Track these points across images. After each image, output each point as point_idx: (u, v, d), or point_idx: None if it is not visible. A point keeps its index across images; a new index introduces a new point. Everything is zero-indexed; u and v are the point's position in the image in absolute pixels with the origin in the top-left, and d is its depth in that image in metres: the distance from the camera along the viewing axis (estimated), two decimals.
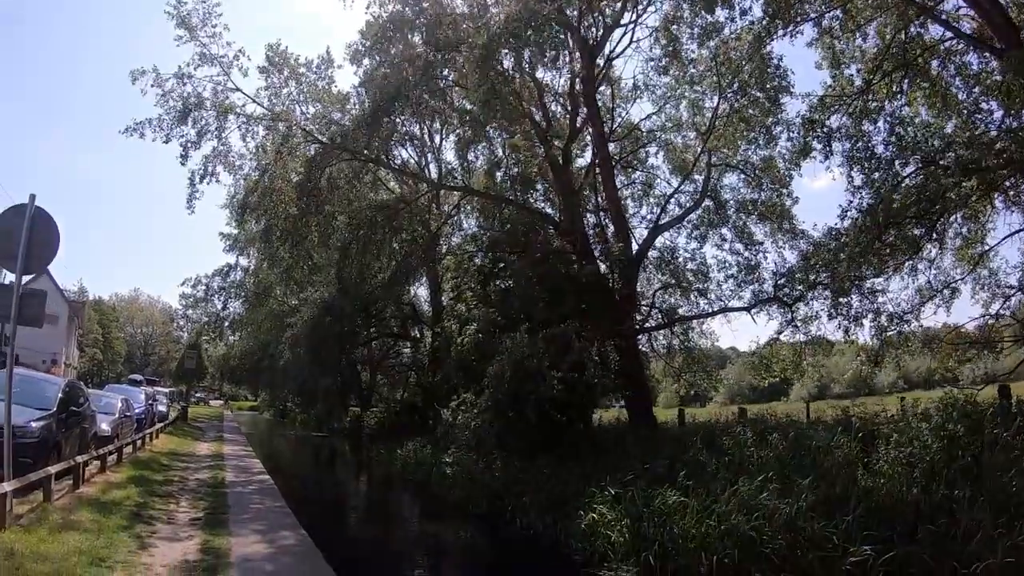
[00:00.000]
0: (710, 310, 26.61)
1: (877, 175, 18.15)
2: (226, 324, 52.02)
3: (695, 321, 27.63)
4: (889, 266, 18.90)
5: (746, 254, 26.05)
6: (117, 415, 22.00)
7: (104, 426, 20.00)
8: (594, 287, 23.08)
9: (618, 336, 21.24)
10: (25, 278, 10.90)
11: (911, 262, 19.08)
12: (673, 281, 27.27)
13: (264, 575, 9.27)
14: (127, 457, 19.31)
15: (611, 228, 25.72)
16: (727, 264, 26.35)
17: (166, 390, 49.27)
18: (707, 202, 25.90)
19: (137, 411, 27.47)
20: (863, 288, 20.30)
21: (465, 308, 25.68)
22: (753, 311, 24.47)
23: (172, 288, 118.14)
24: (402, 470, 26.12)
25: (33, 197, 10.47)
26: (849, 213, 17.99)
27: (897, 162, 18.11)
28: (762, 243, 25.93)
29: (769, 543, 9.75)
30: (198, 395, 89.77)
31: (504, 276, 25.26)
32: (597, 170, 26.19)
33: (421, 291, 42.11)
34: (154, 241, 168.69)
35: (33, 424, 13.24)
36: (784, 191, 25.50)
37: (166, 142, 23.08)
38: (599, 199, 26.46)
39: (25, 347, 53.31)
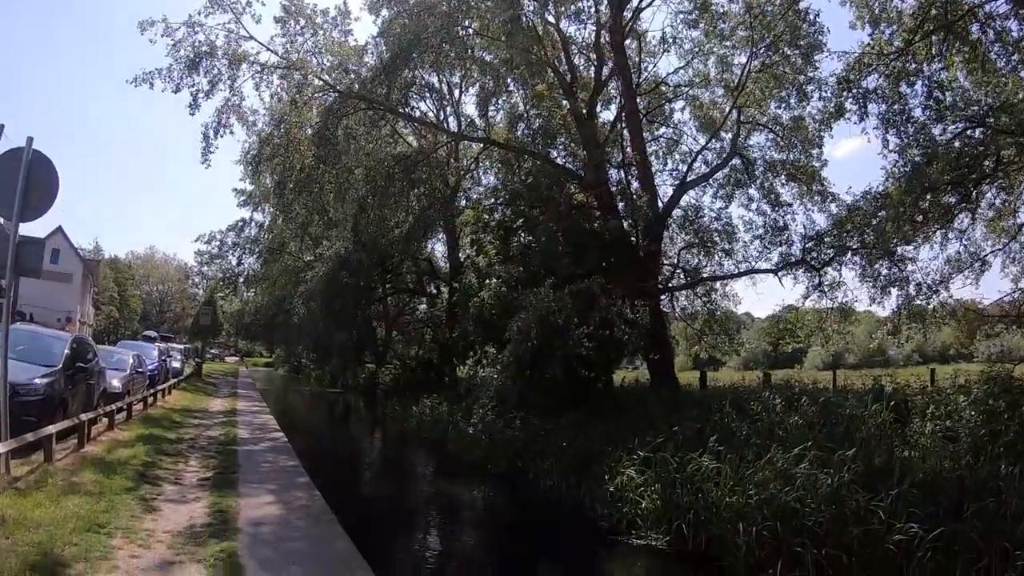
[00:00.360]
0: (736, 271, 25.77)
1: (913, 139, 17.62)
2: (240, 280, 51.49)
3: (719, 283, 26.95)
4: (919, 234, 18.54)
5: (773, 215, 25.20)
6: (128, 371, 21.55)
7: (115, 382, 19.56)
8: (618, 243, 22.50)
9: (643, 295, 20.55)
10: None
11: (943, 231, 18.73)
12: (697, 241, 26.35)
13: (274, 541, 8.61)
14: (138, 414, 18.84)
15: (635, 185, 24.95)
16: (753, 225, 25.67)
17: (180, 346, 48.93)
18: (735, 160, 24.97)
19: (150, 367, 27.06)
20: (893, 256, 20.01)
21: (485, 262, 24.74)
22: (780, 273, 23.83)
23: (188, 245, 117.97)
24: (417, 427, 25.69)
25: (30, 140, 9.74)
26: (893, 175, 17.54)
27: (934, 127, 17.56)
28: (790, 205, 25.11)
29: (812, 515, 9.18)
30: (213, 351, 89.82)
31: (525, 230, 24.43)
32: (621, 125, 25.28)
33: (438, 247, 41.35)
34: (170, 199, 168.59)
35: (38, 381, 12.73)
36: (813, 152, 24.61)
37: (176, 91, 22.03)
38: (624, 154, 25.54)
39: (39, 305, 53.42)
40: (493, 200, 26.65)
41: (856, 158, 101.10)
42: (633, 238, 23.32)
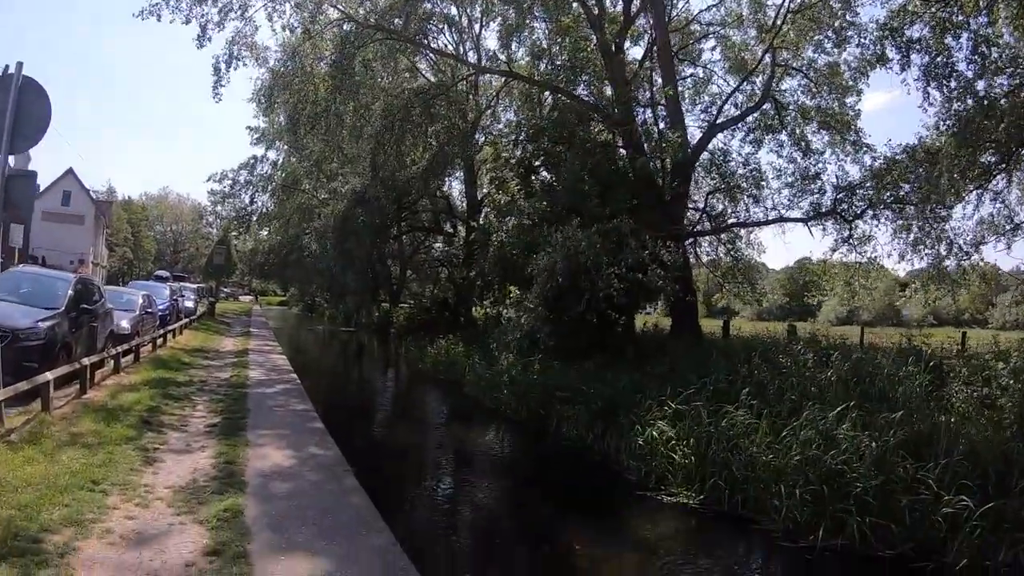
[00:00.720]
0: (765, 219, 24.67)
1: (957, 94, 16.82)
2: (254, 219, 50.61)
3: (744, 230, 25.98)
4: (953, 193, 18.10)
5: (804, 163, 24.15)
6: (138, 312, 21.03)
7: (124, 323, 19.05)
8: (645, 184, 21.58)
9: (670, 238, 19.69)
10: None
11: (979, 191, 18.49)
12: (723, 186, 25.24)
13: (284, 496, 7.95)
14: (147, 356, 18.27)
15: (660, 126, 23.94)
16: (783, 172, 24.63)
17: (194, 286, 48.51)
18: (766, 105, 23.84)
19: (161, 307, 26.55)
20: (925, 213, 19.82)
21: (505, 200, 23.61)
22: (811, 224, 23.00)
23: (202, 185, 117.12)
24: (433, 368, 25.10)
25: (20, 65, 8.82)
26: (943, 129, 16.98)
27: (978, 82, 16.79)
28: (822, 153, 24.16)
29: (860, 481, 8.61)
30: (226, 291, 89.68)
31: (549, 168, 23.39)
32: (650, 62, 24.21)
33: (455, 185, 40.27)
34: (185, 140, 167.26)
35: (40, 325, 12.13)
36: (847, 101, 23.59)
37: (185, 23, 20.68)
38: (652, 92, 24.47)
39: (52, 248, 53.07)
40: (515, 136, 25.33)
41: (882, 113, 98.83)
42: (660, 180, 22.38)
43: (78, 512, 6.42)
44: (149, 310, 22.43)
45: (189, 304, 37.54)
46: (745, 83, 24.52)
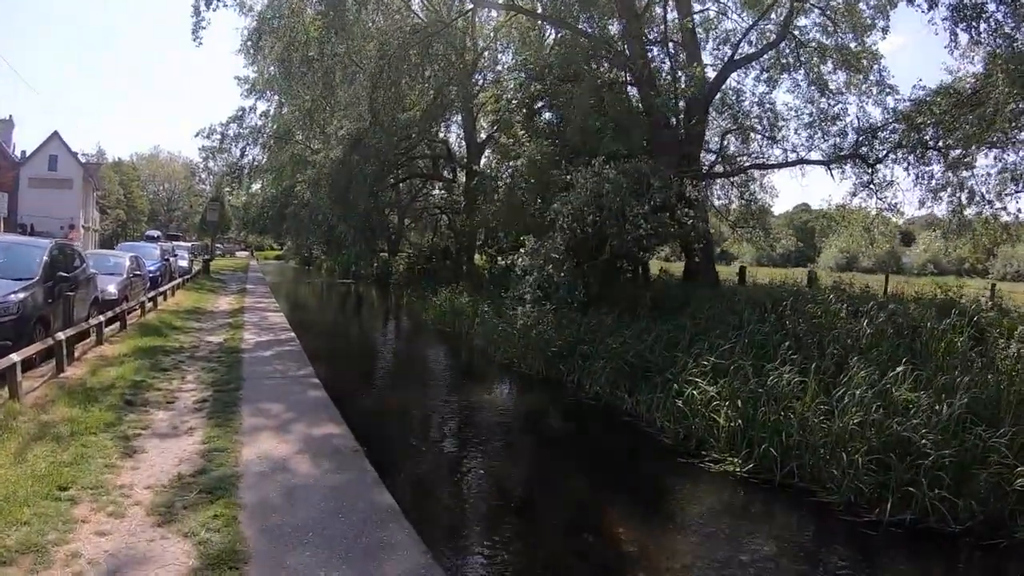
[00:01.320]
0: (784, 160, 23.36)
1: (987, 37, 16.21)
2: (245, 172, 48.73)
3: (758, 173, 25.14)
4: (975, 140, 17.70)
5: (822, 104, 22.82)
6: (125, 275, 19.93)
7: (111, 288, 18.00)
8: (659, 124, 20.40)
9: (693, 178, 18.54)
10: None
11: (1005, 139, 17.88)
12: (737, 127, 24.04)
13: (286, 493, 6.80)
14: (134, 322, 17.08)
15: (666, 65, 22.75)
16: (799, 113, 23.38)
17: (187, 244, 47.15)
18: (784, 43, 22.39)
19: (151, 268, 25.37)
20: (948, 158, 19.22)
21: (512, 141, 22.06)
22: (832, 166, 21.92)
23: (193, 142, 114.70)
24: (437, 320, 23.99)
25: None
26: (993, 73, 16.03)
27: (1008, 26, 15.93)
28: (842, 94, 22.79)
29: (932, 450, 7.70)
30: (221, 248, 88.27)
31: (555, 108, 21.90)
32: None
33: (453, 130, 38.53)
34: (173, 98, 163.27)
35: (12, 298, 10.96)
36: (865, 42, 22.05)
37: None
38: (666, 28, 23.03)
39: (41, 215, 51.54)
40: (518, 74, 23.65)
41: (895, 58, 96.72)
42: (674, 119, 21.10)
43: (39, 532, 5.34)
44: (137, 272, 21.20)
45: (183, 263, 36.47)
46: (761, 20, 22.90)
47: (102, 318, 14.29)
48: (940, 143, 19.27)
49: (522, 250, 18.20)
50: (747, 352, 11.43)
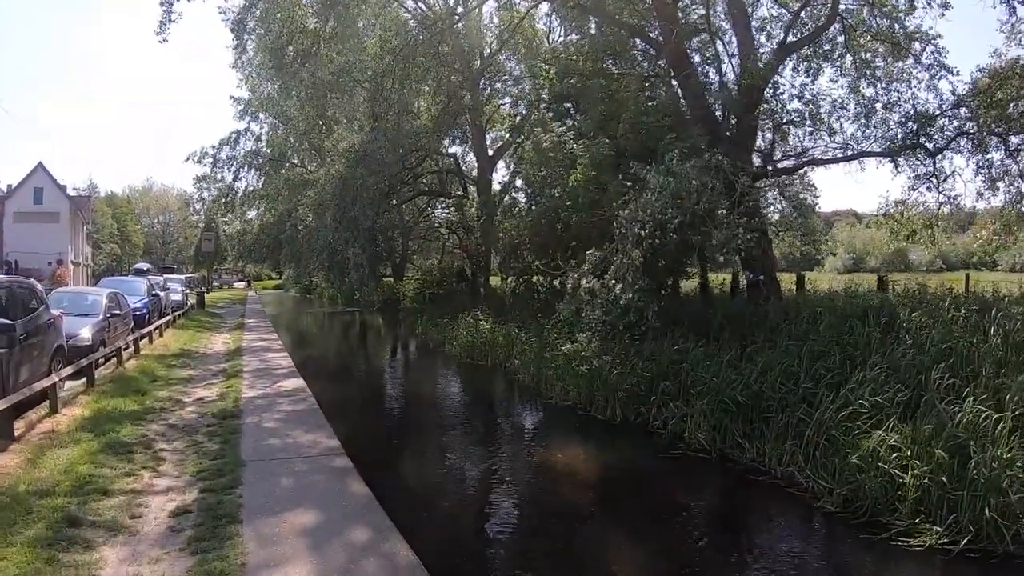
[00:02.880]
0: (842, 154, 20.18)
1: None
2: (238, 197, 45.28)
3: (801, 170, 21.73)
4: None
5: (868, 92, 19.97)
6: (102, 316, 16.58)
7: (84, 333, 14.82)
8: (710, 118, 17.36)
9: (756, 177, 15.72)
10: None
11: None
12: (786, 120, 20.70)
13: None
14: (108, 373, 13.63)
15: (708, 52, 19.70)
16: (844, 103, 20.36)
17: (181, 277, 43.45)
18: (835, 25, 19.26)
19: (137, 306, 21.95)
20: (1008, 144, 17.20)
21: (548, 143, 18.27)
22: (895, 158, 18.91)
23: (185, 171, 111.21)
24: (465, 353, 20.45)
25: None
26: None
27: None
28: (894, 80, 19.83)
29: None
30: (217, 282, 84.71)
31: (597, 102, 18.51)
32: None
33: (458, 143, 35.14)
34: (166, 130, 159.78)
35: None
36: (913, 22, 18.92)
37: None
38: (709, 14, 19.65)
39: (27, 250, 47.91)
40: (545, 68, 20.08)
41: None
42: (720, 114, 18.23)
43: None
44: (116, 312, 17.63)
45: (176, 297, 33.01)
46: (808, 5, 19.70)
47: (57, 377, 10.74)
48: (1002, 127, 17.02)
49: (583, 267, 14.68)
50: (889, 380, 8.86)
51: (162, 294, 28.40)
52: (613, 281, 13.25)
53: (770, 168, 21.00)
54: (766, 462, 9.00)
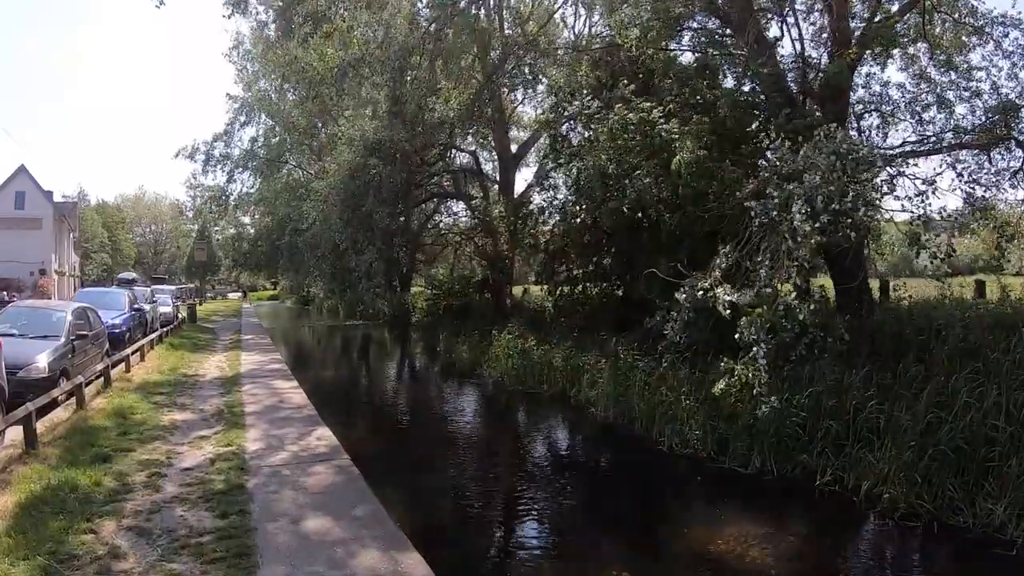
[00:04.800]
0: (935, 146, 16.90)
1: None
2: (232, 199, 41.13)
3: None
4: None
5: (941, 79, 16.94)
6: (64, 339, 12.62)
7: (39, 362, 11.25)
8: (794, 104, 14.15)
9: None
10: None
11: None
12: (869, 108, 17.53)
13: None
14: (63, 420, 9.64)
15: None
16: (914, 93, 17.18)
17: (172, 288, 39.22)
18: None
19: (114, 322, 18.06)
20: None
21: (617, 124, 14.17)
22: (992, 151, 15.74)
23: (177, 176, 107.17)
24: (513, 378, 16.73)
25: None
26: None
27: None
28: (973, 68, 16.84)
29: None
30: (211, 293, 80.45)
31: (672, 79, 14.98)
32: None
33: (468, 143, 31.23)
34: (159, 137, 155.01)
35: None
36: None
37: None
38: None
39: (6, 259, 43.48)
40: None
41: None
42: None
43: None
44: (84, 333, 13.55)
45: (166, 309, 28.98)
46: None
47: None
48: None
49: (715, 271, 10.89)
50: None
51: (147, 307, 24.35)
52: (768, 289, 9.63)
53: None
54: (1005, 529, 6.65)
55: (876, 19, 16.08)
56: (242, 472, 7.75)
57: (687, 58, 17.49)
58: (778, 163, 11.33)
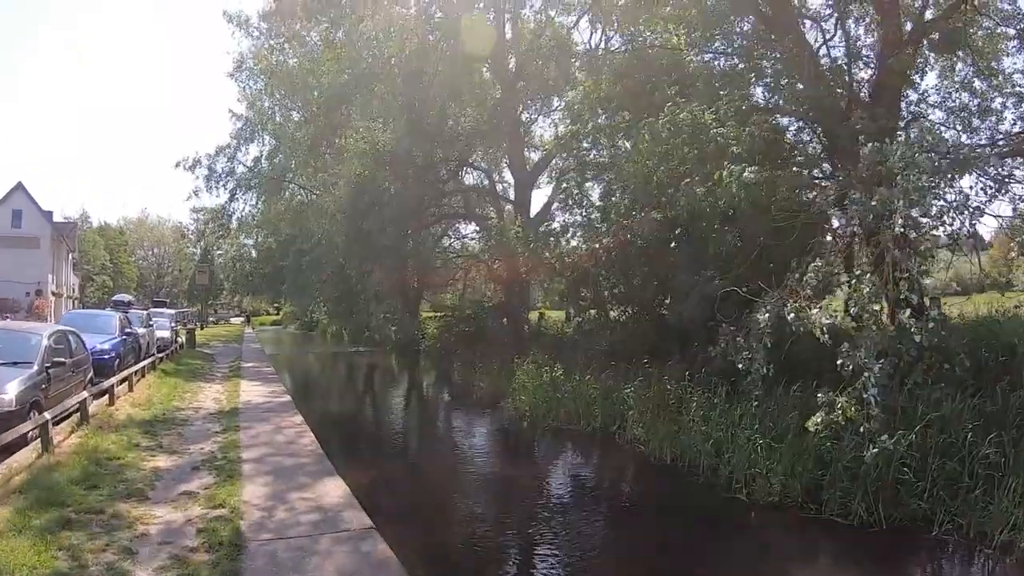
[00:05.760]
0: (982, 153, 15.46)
1: None
2: (234, 218, 39.37)
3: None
4: None
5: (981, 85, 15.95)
6: (37, 366, 10.68)
7: (6, 393, 9.36)
8: (840, 112, 12.83)
9: None
10: None
11: None
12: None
13: None
14: (15, 472, 7.77)
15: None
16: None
17: (171, 311, 37.30)
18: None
19: (103, 347, 16.25)
20: None
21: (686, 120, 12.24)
22: None
23: (180, 198, 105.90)
24: (545, 412, 14.76)
25: None
26: None
27: None
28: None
29: None
30: (215, 314, 78.53)
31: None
32: None
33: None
34: (161, 161, 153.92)
35: None
36: None
37: None
38: None
39: (1, 279, 41.66)
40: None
41: None
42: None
43: None
44: (61, 360, 11.65)
45: (163, 334, 26.98)
46: None
47: None
48: None
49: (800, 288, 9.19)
50: None
51: (143, 331, 22.44)
52: (876, 307, 8.05)
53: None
54: None
55: (927, 18, 14.78)
56: (235, 551, 5.88)
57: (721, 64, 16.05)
58: (864, 166, 9.69)
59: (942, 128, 15.56)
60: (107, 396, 12.88)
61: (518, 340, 22.48)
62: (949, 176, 9.37)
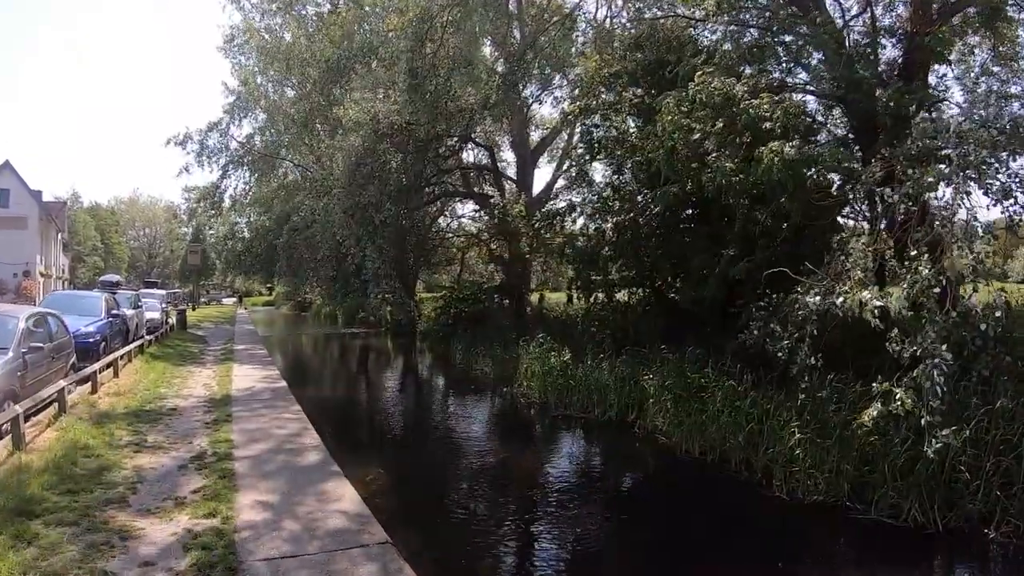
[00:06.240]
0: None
1: None
2: (226, 196, 38.09)
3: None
4: None
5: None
6: (12, 352, 9.77)
7: None
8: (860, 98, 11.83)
9: None
10: None
11: None
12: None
13: None
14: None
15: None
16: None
17: (161, 292, 36.17)
18: None
19: (87, 330, 15.32)
20: None
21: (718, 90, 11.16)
22: None
23: (172, 176, 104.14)
24: (559, 400, 13.98)
25: None
26: None
27: None
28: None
29: None
30: (207, 295, 77.38)
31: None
32: None
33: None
34: (152, 140, 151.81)
35: None
36: None
37: None
38: None
39: None
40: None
41: None
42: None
43: None
44: (38, 345, 10.71)
45: (153, 315, 26.02)
46: None
47: None
48: None
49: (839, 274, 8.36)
50: None
51: (131, 313, 21.44)
52: (936, 290, 7.29)
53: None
54: None
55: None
56: (230, 575, 5.00)
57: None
58: (913, 141, 8.82)
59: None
60: (90, 383, 11.94)
61: (520, 322, 21.67)
62: (1007, 153, 8.54)
